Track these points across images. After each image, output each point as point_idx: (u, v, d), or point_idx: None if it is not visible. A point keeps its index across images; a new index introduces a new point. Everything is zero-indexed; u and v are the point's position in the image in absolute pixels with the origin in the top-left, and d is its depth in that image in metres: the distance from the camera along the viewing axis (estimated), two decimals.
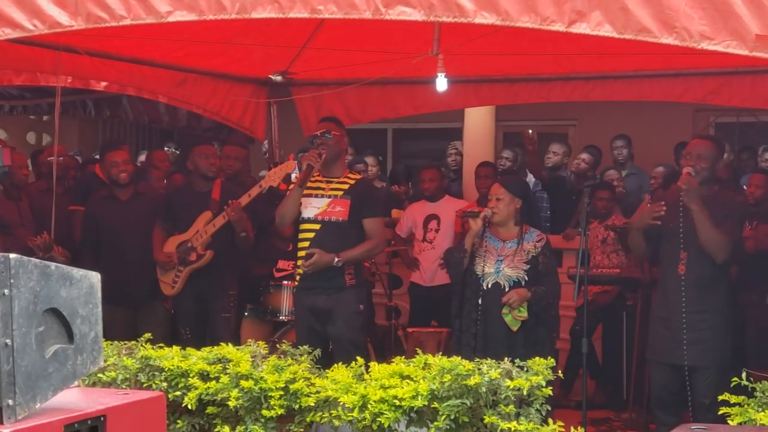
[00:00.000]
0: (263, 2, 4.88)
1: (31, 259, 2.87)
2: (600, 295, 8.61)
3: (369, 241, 6.85)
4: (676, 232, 6.26)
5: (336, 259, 6.67)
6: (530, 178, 10.61)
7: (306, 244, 6.81)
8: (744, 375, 4.17)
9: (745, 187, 8.99)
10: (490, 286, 6.57)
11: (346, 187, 6.85)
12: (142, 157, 11.65)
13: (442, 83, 7.47)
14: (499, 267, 6.56)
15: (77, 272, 3.03)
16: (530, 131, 10.25)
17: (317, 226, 6.79)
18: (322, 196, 6.83)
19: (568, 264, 9.27)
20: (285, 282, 8.04)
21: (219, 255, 7.61)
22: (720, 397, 4.16)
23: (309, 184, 6.85)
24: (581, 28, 4.40)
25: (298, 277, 6.95)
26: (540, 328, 6.59)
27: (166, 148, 11.71)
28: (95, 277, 3.08)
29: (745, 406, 4.09)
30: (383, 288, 9.26)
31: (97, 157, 10.17)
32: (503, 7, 4.49)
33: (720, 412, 4.16)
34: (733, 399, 4.12)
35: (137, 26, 5.24)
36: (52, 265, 2.94)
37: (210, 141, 8.72)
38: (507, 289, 6.52)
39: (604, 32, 4.37)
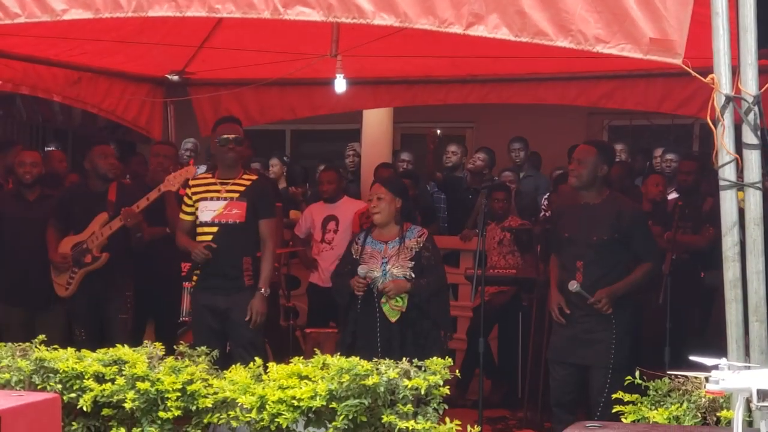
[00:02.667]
0: (160, 1, 4.83)
1: None
2: (496, 296, 8.69)
3: (267, 251, 6.87)
4: (572, 242, 6.38)
5: (262, 290, 6.75)
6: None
7: None
8: (637, 374, 4.25)
9: (641, 188, 9.16)
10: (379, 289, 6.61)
11: (242, 188, 6.84)
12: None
13: (340, 84, 7.50)
14: (385, 268, 6.58)
15: None
16: (438, 131, 10.34)
17: (214, 229, 6.79)
18: (218, 198, 6.82)
19: (465, 265, 9.35)
20: (184, 283, 7.96)
21: (115, 257, 7.51)
22: (614, 396, 4.25)
23: (204, 188, 6.87)
24: (479, 31, 4.45)
25: (195, 278, 6.92)
26: (424, 322, 6.59)
27: (46, 148, 11.52)
28: None
29: (639, 405, 4.18)
30: (281, 289, 9.23)
31: None
32: (402, 9, 4.52)
33: (614, 410, 4.25)
34: (627, 397, 4.21)
35: (32, 24, 5.16)
36: None
37: (106, 141, 8.58)
38: None
39: (501, 35, 4.42)
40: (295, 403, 4.30)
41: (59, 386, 4.73)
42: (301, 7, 4.66)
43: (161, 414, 4.60)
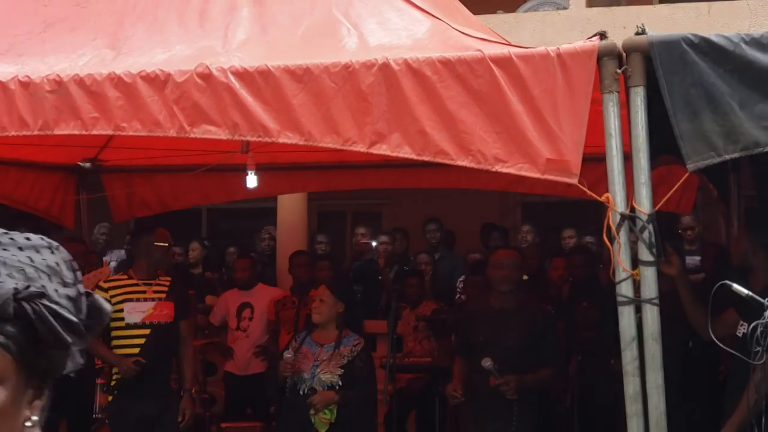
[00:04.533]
0: (66, 118, 4.86)
1: None
2: (413, 382, 8.72)
3: (189, 351, 7.11)
4: (487, 345, 6.39)
5: (193, 391, 7.00)
6: None
7: (135, 350, 6.77)
8: None
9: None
10: (306, 391, 6.57)
11: (165, 289, 6.92)
12: None
13: (252, 181, 7.56)
14: (315, 372, 6.57)
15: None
16: (372, 244, 10.47)
17: (146, 331, 6.80)
18: (146, 299, 6.82)
19: (381, 351, 9.34)
20: (97, 379, 7.87)
21: None
22: None
23: (125, 289, 6.85)
24: (381, 150, 4.54)
25: (114, 383, 6.83)
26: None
27: None
28: None
29: None
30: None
31: None
32: (306, 128, 4.60)
33: None
34: None
35: None
36: None
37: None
38: None
39: (403, 153, 4.51)
40: None
41: None
42: (207, 126, 4.70)
43: None
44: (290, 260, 9.47)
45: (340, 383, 6.53)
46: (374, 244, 10.55)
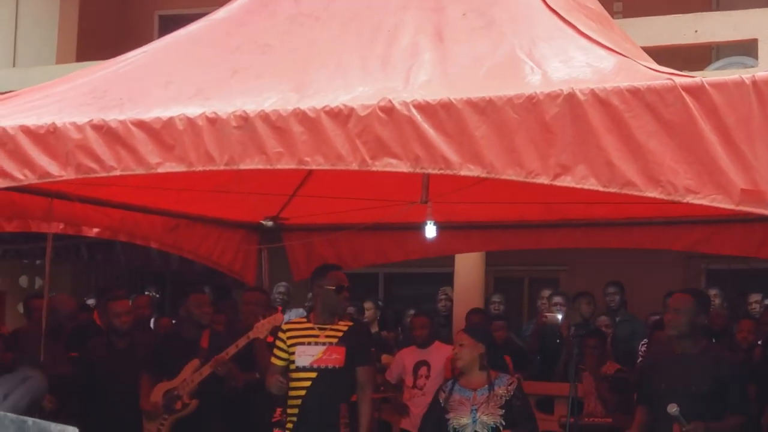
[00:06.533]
0: (251, 154, 4.92)
1: (8, 414, 2.83)
2: None
3: (366, 399, 6.86)
4: (670, 393, 6.11)
5: None
6: None
7: (302, 392, 6.74)
8: None
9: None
10: None
11: (340, 334, 6.84)
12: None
13: (431, 231, 7.51)
14: (475, 416, 6.49)
15: (54, 427, 2.98)
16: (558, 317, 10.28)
17: (313, 375, 6.74)
18: (317, 343, 6.79)
19: (559, 411, 9.16)
20: (274, 429, 7.88)
21: (206, 403, 7.50)
22: None
23: (300, 332, 6.83)
24: (566, 182, 4.42)
25: (290, 426, 6.82)
26: None
27: (146, 292, 11.71)
28: None
29: None
30: None
31: (90, 302, 10.14)
32: (488, 160, 4.52)
33: None
34: None
35: (129, 175, 5.25)
36: (29, 420, 2.90)
37: (202, 289, 8.62)
38: None
39: (589, 186, 4.38)
40: None
41: None
42: (388, 159, 4.69)
43: None
44: (467, 318, 9.41)
45: (503, 423, 6.46)
46: (559, 317, 10.31)
